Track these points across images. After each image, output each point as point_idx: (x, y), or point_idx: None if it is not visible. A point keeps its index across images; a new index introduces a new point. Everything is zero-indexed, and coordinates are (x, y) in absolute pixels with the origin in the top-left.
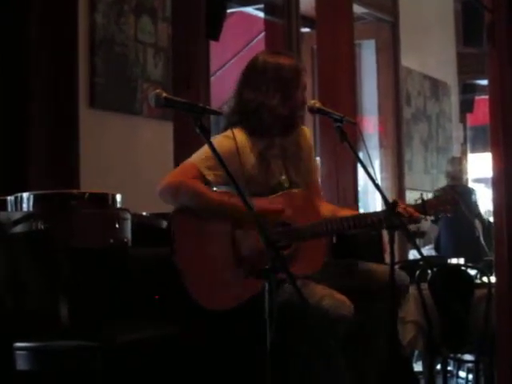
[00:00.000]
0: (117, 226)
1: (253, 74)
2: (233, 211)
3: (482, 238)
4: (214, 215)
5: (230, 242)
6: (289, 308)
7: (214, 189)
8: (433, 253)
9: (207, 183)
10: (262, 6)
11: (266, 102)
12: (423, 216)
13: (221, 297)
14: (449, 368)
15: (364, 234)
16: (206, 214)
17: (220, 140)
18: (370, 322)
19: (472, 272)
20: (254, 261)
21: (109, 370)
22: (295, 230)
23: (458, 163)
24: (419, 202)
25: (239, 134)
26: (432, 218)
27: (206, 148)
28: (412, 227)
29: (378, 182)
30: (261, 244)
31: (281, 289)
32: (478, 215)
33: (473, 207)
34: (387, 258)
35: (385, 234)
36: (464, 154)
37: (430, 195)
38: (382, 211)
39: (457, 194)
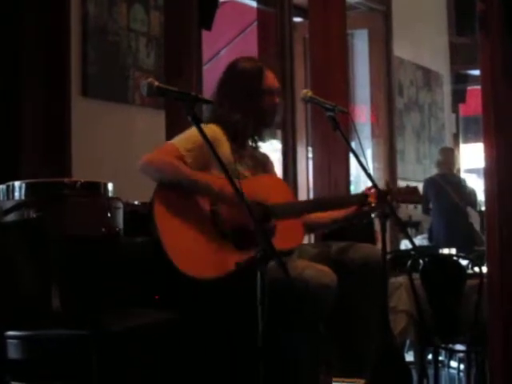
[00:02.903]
0: (109, 214)
1: (222, 85)
2: (210, 186)
3: (476, 227)
4: (192, 189)
5: (210, 216)
6: (273, 287)
7: None
8: (426, 242)
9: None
10: None
11: (227, 119)
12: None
13: (207, 266)
14: (440, 358)
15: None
16: (185, 186)
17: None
18: (358, 304)
19: (464, 262)
20: (234, 232)
21: (101, 359)
22: (271, 209)
23: (449, 153)
24: (385, 188)
25: (217, 129)
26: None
27: (188, 131)
28: (404, 217)
29: (370, 171)
30: (239, 217)
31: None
32: (474, 204)
33: (465, 196)
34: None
35: (377, 223)
36: (456, 143)
37: (421, 185)
38: (356, 195)
39: (441, 186)
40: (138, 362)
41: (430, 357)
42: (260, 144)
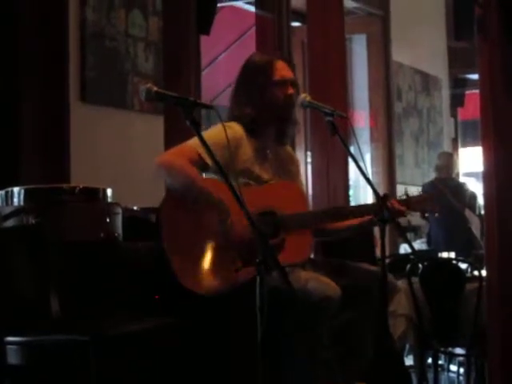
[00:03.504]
0: (107, 220)
1: (236, 82)
2: (218, 205)
3: (475, 231)
4: (200, 203)
5: (217, 227)
6: (276, 295)
7: (211, 176)
8: (425, 247)
9: (205, 167)
10: (252, 0)
11: (240, 115)
12: (407, 210)
13: (209, 282)
14: (440, 362)
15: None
16: (193, 199)
17: (220, 128)
18: (359, 319)
19: (463, 266)
20: (241, 248)
21: (100, 364)
22: (281, 220)
23: (447, 158)
24: (403, 197)
25: (239, 128)
26: (414, 213)
27: (207, 132)
28: (403, 222)
29: (369, 176)
30: (248, 232)
31: (269, 277)
32: (473, 208)
33: (465, 200)
34: (378, 252)
35: (376, 228)
36: (455, 148)
37: (419, 189)
38: (372, 205)
39: (440, 190)
40: (137, 367)
41: (429, 361)
42: (286, 142)
